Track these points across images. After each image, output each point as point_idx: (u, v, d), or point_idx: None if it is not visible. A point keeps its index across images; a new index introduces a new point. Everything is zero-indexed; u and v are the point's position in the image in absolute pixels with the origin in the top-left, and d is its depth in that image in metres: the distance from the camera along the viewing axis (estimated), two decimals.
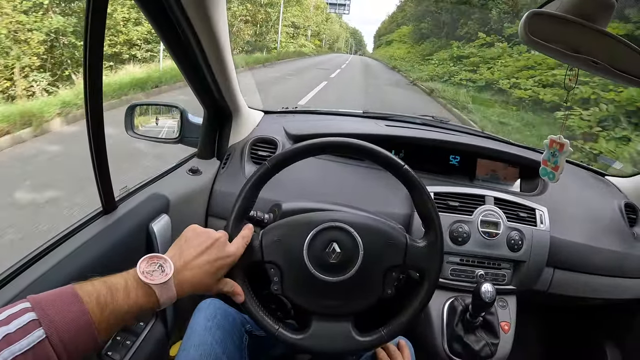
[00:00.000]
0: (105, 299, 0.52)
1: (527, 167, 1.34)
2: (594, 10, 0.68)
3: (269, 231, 0.75)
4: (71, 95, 6.13)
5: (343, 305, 0.74)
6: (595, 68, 0.70)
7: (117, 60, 9.82)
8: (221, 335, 0.86)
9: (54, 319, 0.47)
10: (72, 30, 8.41)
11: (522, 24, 0.67)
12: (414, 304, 0.75)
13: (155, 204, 0.98)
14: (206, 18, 0.87)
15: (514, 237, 1.13)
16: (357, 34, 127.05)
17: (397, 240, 0.75)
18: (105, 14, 0.70)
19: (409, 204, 1.17)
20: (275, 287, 0.74)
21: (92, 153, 0.77)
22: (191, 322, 0.90)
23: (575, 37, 0.69)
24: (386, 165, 0.76)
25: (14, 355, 0.43)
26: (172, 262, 0.61)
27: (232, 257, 0.68)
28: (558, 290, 1.23)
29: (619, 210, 1.33)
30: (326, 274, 0.72)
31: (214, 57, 0.99)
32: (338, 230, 0.73)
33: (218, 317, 0.89)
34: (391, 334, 0.74)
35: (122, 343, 0.83)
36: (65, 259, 0.73)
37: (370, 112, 1.61)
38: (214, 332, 0.86)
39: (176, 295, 0.61)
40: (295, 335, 0.73)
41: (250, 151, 1.26)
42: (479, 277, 1.13)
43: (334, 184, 1.21)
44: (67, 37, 8.41)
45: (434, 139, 1.34)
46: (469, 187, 1.21)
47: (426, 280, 0.75)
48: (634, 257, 1.26)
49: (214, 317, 0.89)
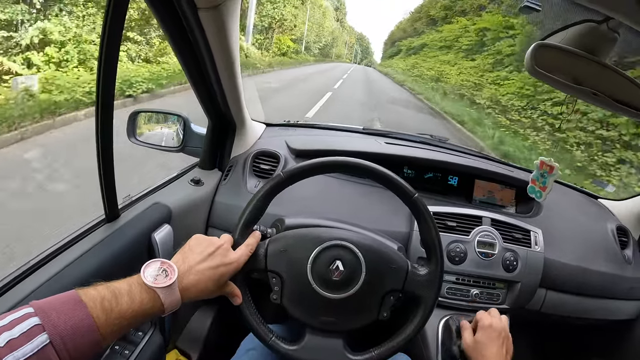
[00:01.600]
0: (109, 304, 0.53)
1: (523, 188, 1.36)
2: (596, 43, 0.71)
3: (276, 241, 0.77)
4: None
5: (338, 323, 0.75)
6: (595, 99, 0.73)
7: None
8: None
9: (58, 324, 0.47)
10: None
11: (528, 55, 0.69)
12: (408, 329, 0.76)
13: (158, 214, 0.98)
14: (221, 34, 0.88)
15: (509, 258, 1.15)
16: (364, 40, 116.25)
17: (399, 265, 0.77)
18: (123, 23, 0.71)
19: (409, 223, 1.18)
20: (275, 297, 0.75)
21: (99, 160, 0.78)
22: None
23: (578, 69, 0.71)
24: (397, 191, 0.78)
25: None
26: (176, 267, 0.62)
27: (234, 264, 0.69)
28: (550, 310, 1.25)
29: (611, 233, 1.36)
30: (327, 290, 0.73)
31: (224, 69, 1.00)
32: (344, 249, 0.74)
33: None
34: (382, 356, 0.75)
35: (121, 352, 0.82)
36: (67, 267, 0.73)
37: (371, 128, 1.63)
38: None
39: (180, 300, 0.62)
40: (288, 346, 0.74)
41: (253, 164, 1.26)
42: (474, 296, 1.14)
43: (335, 201, 1.22)
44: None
45: (433, 159, 1.36)
46: (466, 208, 1.23)
47: (422, 307, 0.76)
48: (624, 279, 1.29)
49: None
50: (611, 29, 0.69)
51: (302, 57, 31.11)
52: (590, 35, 0.71)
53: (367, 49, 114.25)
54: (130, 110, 1.25)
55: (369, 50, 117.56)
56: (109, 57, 0.71)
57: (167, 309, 0.60)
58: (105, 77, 0.71)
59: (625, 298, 1.31)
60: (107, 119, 0.75)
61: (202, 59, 0.95)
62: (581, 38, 0.71)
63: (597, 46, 0.70)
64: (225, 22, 0.85)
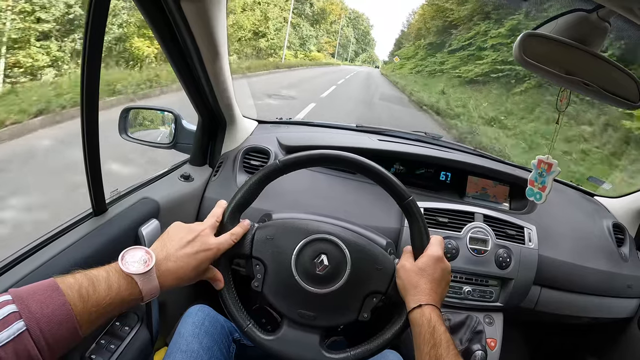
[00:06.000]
0: (87, 291, 0.53)
1: (517, 185, 1.35)
2: (587, 34, 0.70)
3: (264, 228, 0.76)
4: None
5: (317, 318, 0.74)
6: (586, 90, 0.72)
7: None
8: (208, 342, 0.85)
9: (34, 311, 0.47)
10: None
11: (516, 45, 0.68)
12: (387, 334, 0.74)
13: (146, 209, 0.97)
14: (206, 26, 0.87)
15: (502, 254, 1.14)
16: (362, 20, 64.88)
17: (385, 267, 0.75)
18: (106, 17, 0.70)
19: (399, 219, 1.17)
20: (256, 284, 0.74)
21: (85, 154, 0.77)
22: (178, 327, 0.88)
23: (568, 59, 0.71)
24: (392, 192, 0.77)
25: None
26: (154, 254, 0.62)
27: (214, 250, 0.69)
28: (545, 309, 1.24)
29: (607, 230, 1.35)
30: (308, 283, 0.73)
31: (212, 66, 1.00)
32: (330, 244, 0.74)
33: (206, 324, 0.88)
34: (357, 357, 0.73)
35: (106, 347, 0.81)
36: (52, 259, 0.72)
37: (364, 126, 1.62)
38: (201, 339, 0.85)
39: (159, 287, 0.61)
40: (263, 336, 0.73)
41: (243, 160, 1.26)
42: (466, 293, 1.13)
43: (325, 196, 1.21)
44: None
45: (425, 155, 1.35)
46: (458, 204, 1.22)
47: (404, 313, 0.73)
48: (620, 277, 1.27)
49: (202, 323, 0.88)
50: (601, 18, 0.68)
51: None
52: (580, 24, 0.70)
53: (365, 37, 67.04)
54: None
55: (369, 40, 69.54)
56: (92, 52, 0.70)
57: (146, 297, 0.60)
58: (90, 71, 0.71)
59: (621, 296, 1.30)
60: (92, 113, 0.74)
61: (189, 55, 0.95)
62: (571, 28, 0.70)
63: (588, 36, 0.70)
64: (210, 15, 0.85)
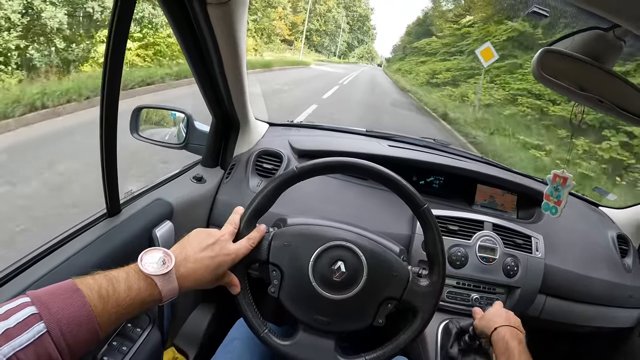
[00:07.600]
0: (107, 292, 0.53)
1: (525, 194, 1.36)
2: (602, 51, 0.71)
3: (281, 234, 0.76)
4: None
5: (332, 324, 0.75)
6: (600, 106, 0.73)
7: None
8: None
9: (55, 313, 0.46)
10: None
11: (534, 60, 0.69)
12: (401, 338, 0.75)
13: (159, 210, 0.98)
14: (229, 29, 0.88)
15: (510, 263, 1.15)
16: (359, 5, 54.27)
17: (400, 273, 0.76)
18: (130, 19, 0.71)
19: (410, 226, 1.18)
20: (273, 290, 0.75)
21: (102, 155, 0.78)
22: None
23: (584, 76, 0.71)
24: (408, 200, 0.77)
25: (15, 350, 0.42)
26: (173, 255, 0.62)
27: (232, 255, 0.69)
28: (550, 317, 1.25)
29: (612, 241, 1.36)
30: (325, 289, 0.73)
31: (231, 66, 1.00)
32: (347, 251, 0.74)
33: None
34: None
35: (118, 348, 0.82)
36: (67, 260, 0.73)
37: (374, 130, 1.63)
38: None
39: (178, 289, 0.62)
40: (280, 341, 0.74)
41: (255, 163, 1.26)
42: (473, 300, 1.14)
43: (337, 201, 1.22)
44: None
45: (436, 163, 1.36)
46: (468, 212, 1.23)
47: (419, 318, 0.75)
48: (624, 287, 1.28)
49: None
50: (617, 37, 0.69)
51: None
52: (596, 42, 0.71)
53: (362, 26, 57.32)
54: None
55: (367, 30, 59.42)
56: (115, 52, 0.71)
57: (165, 297, 0.60)
58: (111, 73, 0.71)
59: (625, 306, 1.31)
60: (111, 114, 0.75)
61: (208, 56, 0.95)
62: (588, 45, 0.71)
63: (603, 53, 0.71)
64: (233, 19, 0.86)
